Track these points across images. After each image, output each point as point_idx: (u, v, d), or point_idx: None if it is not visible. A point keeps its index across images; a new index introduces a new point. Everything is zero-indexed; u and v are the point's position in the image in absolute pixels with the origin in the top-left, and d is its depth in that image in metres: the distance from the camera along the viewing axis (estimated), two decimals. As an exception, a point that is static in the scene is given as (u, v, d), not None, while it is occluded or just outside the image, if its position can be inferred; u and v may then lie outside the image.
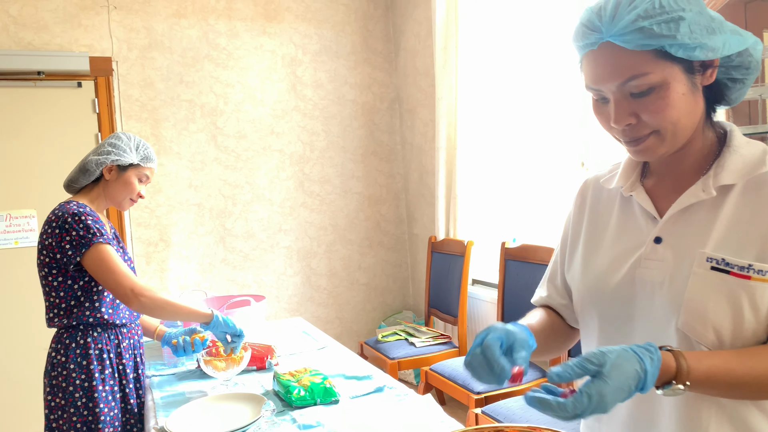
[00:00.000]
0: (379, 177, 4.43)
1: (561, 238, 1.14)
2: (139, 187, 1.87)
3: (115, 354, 1.79)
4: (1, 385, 3.44)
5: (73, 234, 1.68)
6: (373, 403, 1.58)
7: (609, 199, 1.05)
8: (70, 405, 1.69)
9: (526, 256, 2.81)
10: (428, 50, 3.91)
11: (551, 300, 1.14)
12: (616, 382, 0.75)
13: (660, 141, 0.88)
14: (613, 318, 0.98)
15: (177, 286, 3.87)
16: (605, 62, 0.86)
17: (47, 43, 3.53)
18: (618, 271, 0.97)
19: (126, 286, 1.66)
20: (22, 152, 3.48)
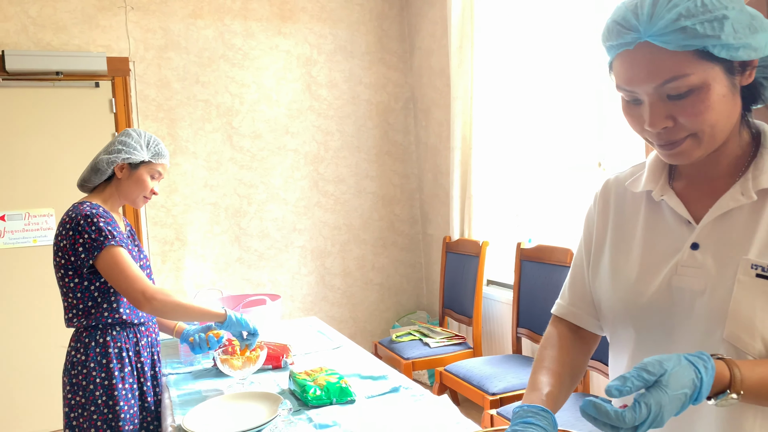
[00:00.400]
0: (394, 177, 4.43)
1: (582, 242, 1.09)
2: (151, 184, 1.86)
3: (134, 352, 1.80)
4: (21, 382, 3.48)
5: (85, 236, 1.68)
6: (389, 403, 1.58)
7: (634, 202, 1.00)
8: (91, 403, 1.71)
9: (541, 257, 2.79)
10: (443, 50, 3.90)
11: (573, 308, 1.08)
12: (673, 391, 0.72)
13: (697, 144, 0.84)
14: (650, 328, 0.93)
15: (193, 285, 3.89)
16: (642, 63, 0.82)
17: (66, 44, 3.57)
18: (653, 279, 0.93)
19: (137, 289, 1.66)
20: (41, 152, 3.52)
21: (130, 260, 1.71)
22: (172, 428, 1.52)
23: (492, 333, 3.48)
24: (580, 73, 2.89)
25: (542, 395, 0.96)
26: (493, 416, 2.33)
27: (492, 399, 2.48)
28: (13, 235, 3.47)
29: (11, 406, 3.48)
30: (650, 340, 0.94)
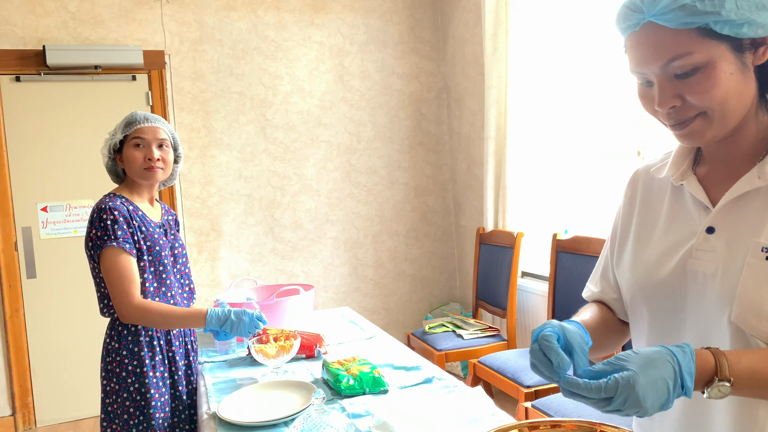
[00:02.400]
0: (426, 168, 4.40)
1: (611, 230, 1.11)
2: (139, 152, 1.78)
3: (165, 341, 1.82)
4: (64, 369, 3.59)
5: (93, 231, 1.71)
6: (422, 394, 1.57)
7: (660, 190, 1.01)
8: (123, 390, 1.74)
9: (578, 248, 2.74)
10: (477, 38, 3.84)
11: (603, 295, 1.10)
12: (646, 372, 0.73)
13: (707, 123, 0.84)
14: (664, 311, 0.94)
15: (228, 275, 3.94)
16: (647, 43, 0.83)
17: (103, 38, 3.64)
18: (668, 262, 0.93)
19: (118, 300, 1.68)
20: (80, 144, 3.60)
21: (124, 266, 1.69)
22: (208, 415, 1.54)
23: (527, 325, 3.43)
24: (619, 59, 2.81)
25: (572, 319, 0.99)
26: (528, 409, 2.30)
27: (527, 391, 2.45)
28: (54, 225, 3.57)
29: (55, 392, 3.59)
30: (663, 323, 0.95)
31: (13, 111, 3.49)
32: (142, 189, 1.87)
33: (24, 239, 3.52)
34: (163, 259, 1.81)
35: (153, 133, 1.81)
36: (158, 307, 1.71)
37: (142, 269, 1.76)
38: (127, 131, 1.79)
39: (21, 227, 3.51)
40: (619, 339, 1.10)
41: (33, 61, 3.49)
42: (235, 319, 1.70)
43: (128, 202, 1.79)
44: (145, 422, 1.74)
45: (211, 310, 1.71)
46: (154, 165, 1.79)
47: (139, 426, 1.74)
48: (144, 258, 1.76)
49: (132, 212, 1.77)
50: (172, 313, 1.71)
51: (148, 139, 1.80)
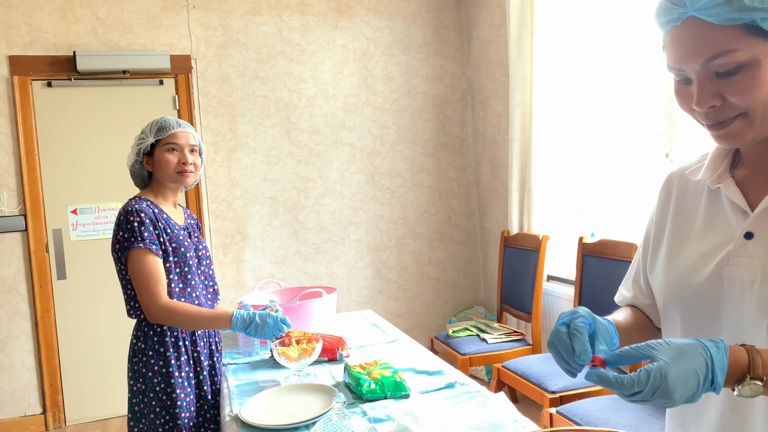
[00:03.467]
0: (450, 170, 4.37)
1: (644, 235, 1.07)
2: (172, 156, 1.82)
3: (190, 342, 1.84)
4: (92, 369, 3.65)
5: (120, 234, 1.74)
6: (444, 399, 1.55)
7: (696, 193, 0.97)
8: (150, 390, 1.76)
9: (605, 251, 2.69)
10: (502, 39, 3.81)
11: (635, 300, 1.07)
12: (678, 365, 0.70)
13: (747, 125, 0.80)
14: (698, 318, 0.90)
15: (252, 277, 3.97)
16: (689, 39, 0.79)
17: (132, 43, 3.70)
18: (704, 268, 0.89)
19: (146, 301, 1.71)
20: (109, 147, 3.67)
21: (151, 267, 1.72)
22: (230, 417, 1.55)
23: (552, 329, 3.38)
24: (647, 58, 2.76)
25: None
26: (553, 415, 2.27)
27: (552, 397, 2.41)
28: (84, 227, 3.64)
29: (84, 392, 3.65)
30: (696, 331, 0.91)
31: (45, 116, 3.57)
32: (167, 193, 1.90)
33: (55, 241, 3.59)
34: (188, 260, 1.83)
35: (186, 138, 1.86)
36: (185, 307, 1.73)
37: (168, 270, 1.78)
38: (160, 136, 1.83)
39: (52, 229, 3.59)
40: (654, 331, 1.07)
41: (64, 66, 3.56)
42: (259, 322, 1.71)
43: (153, 205, 1.82)
44: (171, 422, 1.76)
45: (236, 312, 1.73)
46: (187, 169, 1.84)
47: (165, 425, 1.76)
48: (170, 259, 1.78)
49: (157, 215, 1.79)
50: (198, 314, 1.73)
51: (181, 144, 1.84)
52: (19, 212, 3.53)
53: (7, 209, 3.51)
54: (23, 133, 3.51)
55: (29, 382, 3.58)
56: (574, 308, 0.85)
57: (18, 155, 3.52)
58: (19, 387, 3.56)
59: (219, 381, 1.93)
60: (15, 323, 3.54)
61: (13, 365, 3.55)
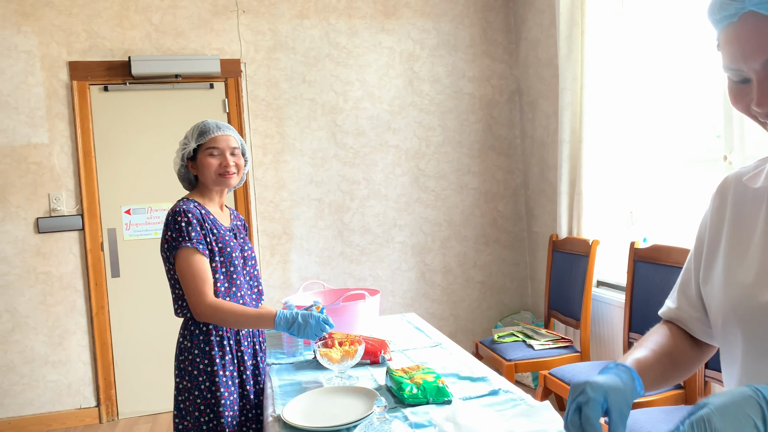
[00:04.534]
0: (497, 172, 4.31)
1: (695, 242, 1.00)
2: (214, 160, 1.86)
3: (235, 341, 1.87)
4: (144, 365, 3.76)
5: (168, 234, 1.79)
6: (487, 406, 1.52)
7: (755, 201, 0.89)
8: (195, 388, 1.79)
9: (657, 257, 2.59)
10: (551, 39, 3.73)
11: (681, 312, 1.01)
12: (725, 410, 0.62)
13: None
14: (763, 338, 0.82)
15: (298, 277, 4.01)
16: (748, 36, 0.72)
17: (183, 48, 3.80)
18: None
19: (193, 299, 1.74)
20: (161, 150, 3.77)
21: (198, 266, 1.76)
22: (272, 417, 1.56)
23: (601, 337, 3.29)
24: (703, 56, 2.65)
25: (626, 359, 0.92)
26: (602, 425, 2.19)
27: (600, 407, 2.33)
28: (137, 227, 3.75)
29: (136, 386, 3.76)
30: (760, 352, 0.83)
31: (101, 119, 3.70)
32: (212, 194, 1.94)
33: (109, 240, 3.72)
34: (234, 260, 1.86)
35: (226, 141, 1.89)
36: (230, 306, 1.75)
37: (214, 270, 1.81)
38: (201, 140, 1.87)
39: (107, 228, 3.72)
40: (690, 368, 1.00)
41: (119, 71, 3.69)
42: (302, 322, 1.72)
43: (200, 206, 1.85)
44: (215, 420, 1.78)
45: (279, 312, 1.74)
46: (228, 171, 1.88)
47: (209, 423, 1.79)
48: (216, 259, 1.82)
49: (204, 215, 1.83)
50: (243, 313, 1.75)
51: (222, 147, 1.88)
52: (76, 212, 3.67)
53: (65, 209, 3.65)
54: (81, 136, 3.65)
55: (84, 376, 3.71)
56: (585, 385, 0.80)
57: (76, 157, 3.66)
58: (75, 380, 3.70)
59: (262, 380, 1.95)
60: (72, 319, 3.68)
61: (69, 359, 3.69)
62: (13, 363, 3.62)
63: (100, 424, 3.71)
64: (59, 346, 3.67)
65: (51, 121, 3.63)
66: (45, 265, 3.64)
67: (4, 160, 3.59)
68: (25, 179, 3.61)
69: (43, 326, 3.65)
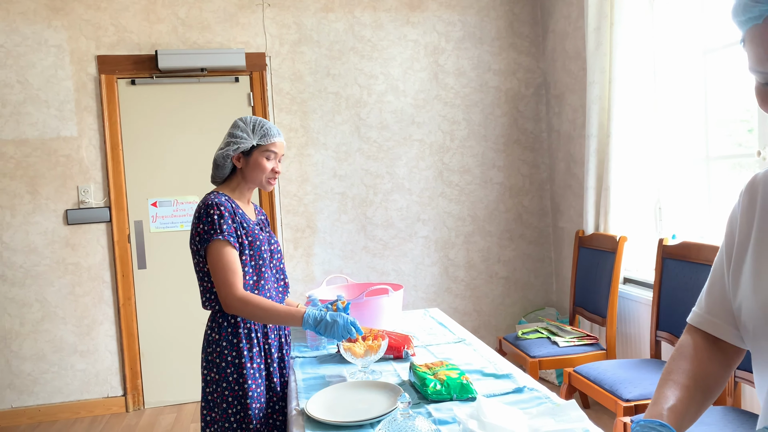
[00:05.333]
0: (522, 167, 4.26)
1: (724, 243, 0.97)
2: (269, 164, 1.89)
3: (262, 334, 1.88)
4: (170, 355, 3.82)
5: (200, 226, 1.79)
6: (512, 403, 1.50)
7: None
8: (223, 380, 1.81)
9: (687, 254, 2.54)
10: (579, 32, 3.67)
11: (710, 317, 0.98)
12: None
13: None
14: None
15: (321, 271, 4.02)
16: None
17: (209, 42, 3.82)
18: None
19: (223, 291, 1.75)
20: (187, 143, 3.81)
21: (229, 258, 1.77)
22: (296, 411, 1.56)
23: (628, 335, 3.24)
24: (735, 49, 2.58)
25: (663, 409, 0.89)
26: (626, 424, 2.16)
27: (626, 405, 2.30)
28: (163, 220, 3.80)
29: (162, 377, 3.82)
30: None
31: (129, 112, 3.75)
32: (244, 190, 1.95)
33: (136, 232, 3.77)
34: (263, 253, 1.88)
35: (282, 148, 1.94)
36: (260, 301, 1.76)
37: (243, 263, 1.83)
38: (263, 141, 1.88)
39: (133, 221, 3.77)
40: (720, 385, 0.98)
41: (146, 65, 3.72)
42: (330, 321, 1.72)
43: (230, 200, 1.87)
44: (243, 411, 1.80)
45: (308, 310, 1.75)
46: (276, 177, 1.93)
47: (236, 415, 1.80)
48: (245, 252, 1.83)
49: (234, 209, 1.84)
50: (272, 308, 1.76)
51: (278, 153, 1.92)
52: (104, 204, 3.72)
53: (93, 201, 3.71)
54: (109, 129, 3.70)
55: (112, 366, 3.77)
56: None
57: (104, 150, 3.71)
58: (103, 369, 3.77)
59: (287, 373, 1.95)
60: (100, 309, 3.75)
61: (97, 349, 3.75)
62: (43, 352, 3.70)
63: (126, 412, 3.78)
64: (87, 336, 3.74)
65: (80, 115, 3.69)
66: (74, 256, 3.71)
67: (34, 152, 3.65)
68: (54, 172, 3.68)
69: (72, 316, 3.72)
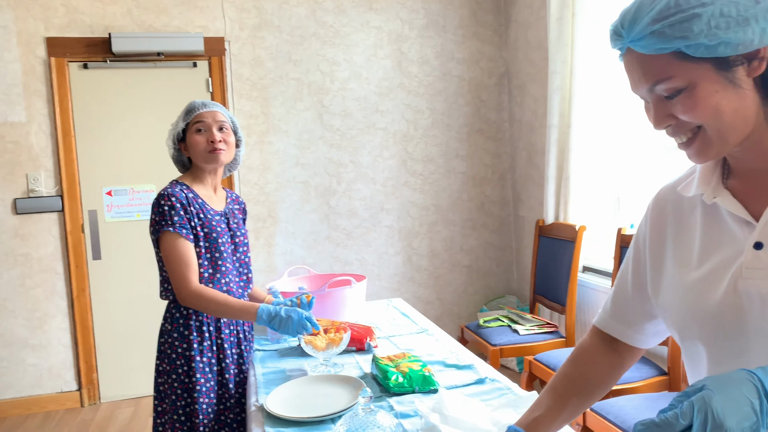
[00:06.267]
0: (485, 156, 4.28)
1: (632, 257, 1.04)
2: (201, 136, 1.81)
3: (215, 328, 1.83)
4: (126, 348, 3.72)
5: (153, 217, 1.77)
6: (473, 395, 1.50)
7: (691, 209, 0.94)
8: (173, 371, 1.77)
9: (645, 243, 2.58)
10: (541, 22, 3.68)
11: (613, 321, 1.07)
12: (723, 390, 0.65)
13: (707, 140, 0.82)
14: (721, 338, 0.85)
15: (283, 261, 3.97)
16: (633, 68, 0.83)
17: (166, 25, 3.70)
18: (717, 286, 0.86)
19: (176, 284, 1.73)
20: (143, 130, 3.69)
21: (182, 251, 1.73)
22: (256, 407, 1.53)
23: (587, 322, 3.29)
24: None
25: (529, 419, 1.03)
26: (586, 412, 2.20)
27: (585, 393, 2.34)
28: (119, 209, 3.68)
29: (118, 370, 3.72)
30: (722, 351, 0.86)
31: (81, 97, 3.60)
32: (204, 176, 1.89)
33: (90, 222, 3.64)
34: (220, 246, 1.82)
35: (212, 116, 1.84)
36: (214, 295, 1.72)
37: (198, 255, 1.78)
38: (188, 118, 1.84)
39: (87, 210, 3.64)
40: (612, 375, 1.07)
41: (99, 48, 3.58)
42: (284, 316, 1.69)
43: (188, 190, 1.81)
44: (191, 405, 1.76)
45: (262, 306, 1.71)
46: (216, 147, 1.82)
47: (185, 407, 1.77)
48: (200, 244, 1.79)
49: (191, 199, 1.79)
50: (226, 302, 1.72)
51: (208, 122, 1.83)
52: (56, 193, 3.58)
53: (44, 190, 3.57)
54: (60, 115, 3.55)
55: (65, 360, 3.66)
56: None
57: (55, 136, 3.56)
58: (56, 364, 3.65)
59: (246, 370, 1.92)
60: (52, 302, 3.62)
61: (50, 342, 3.63)
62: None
63: (81, 407, 3.67)
64: (39, 330, 3.61)
65: (28, 99, 3.53)
66: (23, 247, 3.57)
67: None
68: (1, 159, 3.51)
69: (23, 309, 3.58)
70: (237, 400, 1.87)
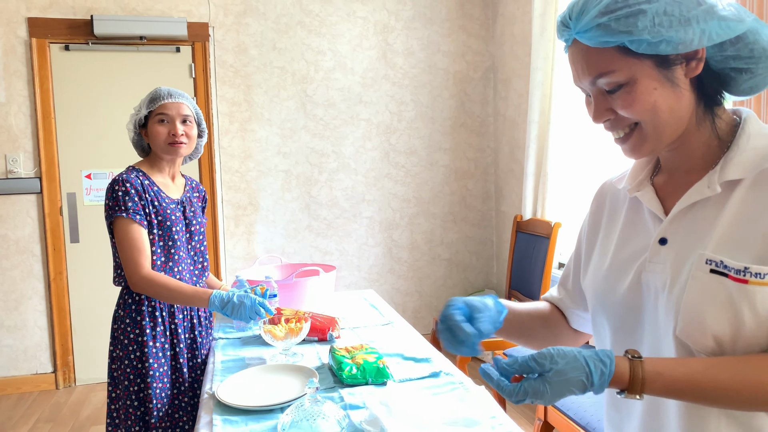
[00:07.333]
0: (468, 150, 4.28)
1: (576, 242, 1.12)
2: (162, 128, 1.80)
3: (168, 313, 1.84)
4: (102, 331, 3.72)
5: (106, 202, 1.76)
6: (424, 388, 1.51)
7: (621, 201, 1.01)
8: (125, 357, 1.78)
9: (616, 242, 2.60)
10: (527, 16, 3.68)
11: (559, 302, 1.13)
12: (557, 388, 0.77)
13: (643, 137, 0.85)
14: (624, 325, 0.93)
15: (263, 249, 3.97)
16: (577, 60, 0.85)
17: (149, 9, 3.67)
18: (626, 276, 0.92)
19: (128, 269, 1.73)
20: (124, 113, 3.66)
21: (134, 237, 1.73)
22: (208, 395, 1.54)
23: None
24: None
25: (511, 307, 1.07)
26: (547, 408, 2.22)
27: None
28: (98, 192, 3.67)
29: (93, 353, 3.72)
30: (624, 337, 0.94)
31: (62, 79, 3.58)
32: (162, 164, 1.88)
33: (69, 205, 3.63)
34: (174, 234, 1.82)
35: (177, 109, 1.83)
36: (166, 281, 1.72)
37: (151, 242, 1.79)
38: (152, 107, 1.82)
39: (66, 193, 3.63)
40: (562, 340, 1.13)
41: (81, 30, 3.56)
42: (237, 302, 1.70)
43: (144, 177, 1.80)
44: (144, 390, 1.77)
45: (215, 292, 1.71)
46: (178, 140, 1.82)
47: (139, 393, 1.77)
48: (154, 231, 1.79)
49: (146, 186, 1.78)
50: (178, 288, 1.72)
51: (171, 114, 1.82)
52: (34, 174, 3.57)
53: (23, 171, 3.55)
54: (40, 96, 3.53)
55: (41, 342, 3.66)
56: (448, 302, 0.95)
57: (35, 118, 3.54)
58: (32, 345, 3.65)
59: (200, 355, 1.92)
60: (28, 284, 3.61)
61: (26, 324, 3.62)
62: (-33, 326, 3.55)
63: (56, 390, 3.67)
64: (15, 311, 3.61)
65: (8, 80, 3.50)
66: (1, 228, 3.55)
67: (-42, 118, 3.46)
68: (-20, 139, 3.49)
69: (-1, 290, 3.58)
70: (191, 385, 1.88)
